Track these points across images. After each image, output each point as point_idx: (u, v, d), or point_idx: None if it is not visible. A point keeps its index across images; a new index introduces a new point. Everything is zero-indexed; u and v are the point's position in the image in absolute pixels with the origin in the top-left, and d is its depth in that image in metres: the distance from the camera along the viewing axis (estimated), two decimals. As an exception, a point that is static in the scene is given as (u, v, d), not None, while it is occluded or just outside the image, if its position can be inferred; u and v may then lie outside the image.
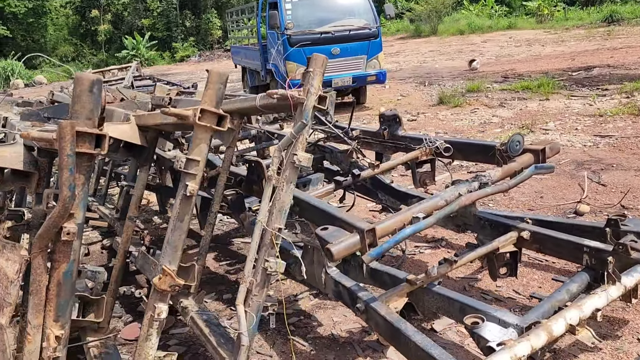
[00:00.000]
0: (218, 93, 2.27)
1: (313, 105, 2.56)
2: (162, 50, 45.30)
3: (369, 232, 2.59)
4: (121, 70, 12.77)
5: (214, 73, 2.29)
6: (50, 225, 1.67)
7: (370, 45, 11.21)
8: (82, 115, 1.70)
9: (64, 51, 48.05)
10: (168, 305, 2.32)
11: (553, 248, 3.18)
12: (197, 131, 2.26)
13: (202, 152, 2.27)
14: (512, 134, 3.16)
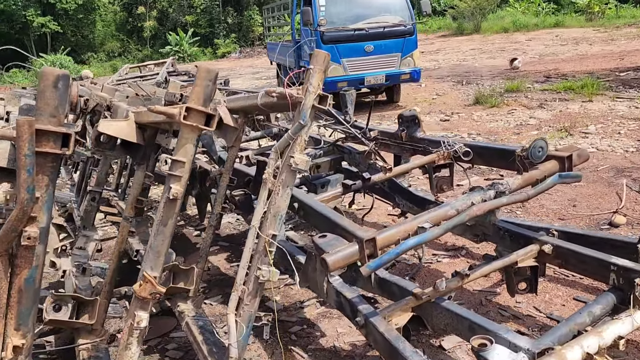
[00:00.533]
0: (206, 90, 2.14)
1: (312, 105, 2.40)
2: (205, 47, 45.93)
3: (369, 242, 2.42)
4: (157, 66, 12.87)
5: (202, 69, 2.16)
6: (9, 229, 1.58)
7: (405, 43, 10.93)
8: (46, 112, 1.60)
9: (111, 47, 49.33)
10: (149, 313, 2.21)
11: (577, 264, 2.92)
12: (183, 131, 2.14)
13: (187, 153, 2.14)
14: (534, 139, 2.91)
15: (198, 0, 46.73)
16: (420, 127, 3.90)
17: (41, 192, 1.64)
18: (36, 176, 1.62)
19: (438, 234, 2.52)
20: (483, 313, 3.24)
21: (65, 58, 40.04)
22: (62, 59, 38.96)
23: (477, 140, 7.60)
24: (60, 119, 1.63)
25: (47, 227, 1.70)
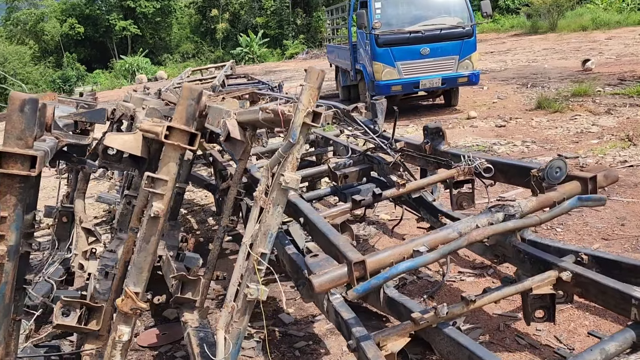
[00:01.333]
0: (189, 109, 2.15)
1: (302, 123, 2.35)
2: (274, 48, 46.76)
3: (358, 265, 2.34)
4: (218, 69, 13.24)
5: (186, 88, 2.17)
6: (-26, 248, 1.66)
7: (463, 45, 10.60)
8: (12, 135, 1.67)
9: (185, 48, 51.34)
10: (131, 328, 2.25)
11: (597, 295, 2.69)
12: (166, 149, 2.16)
13: (170, 171, 2.16)
14: (552, 159, 2.71)
15: (268, 2, 47.64)
16: (444, 139, 3.75)
17: (9, 212, 1.71)
18: (4, 197, 1.69)
19: (433, 259, 2.40)
20: (499, 339, 3.07)
21: (143, 59, 42.03)
22: (140, 60, 40.92)
23: (531, 148, 7.24)
24: (27, 142, 1.69)
25: (17, 245, 1.77)
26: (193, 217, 5.89)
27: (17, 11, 50.22)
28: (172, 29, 52.48)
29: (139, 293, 2.22)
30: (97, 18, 48.49)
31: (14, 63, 40.35)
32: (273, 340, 3.31)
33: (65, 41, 47.93)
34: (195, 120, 2.19)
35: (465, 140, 8.12)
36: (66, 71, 43.50)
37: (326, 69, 17.11)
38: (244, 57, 44.34)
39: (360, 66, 11.73)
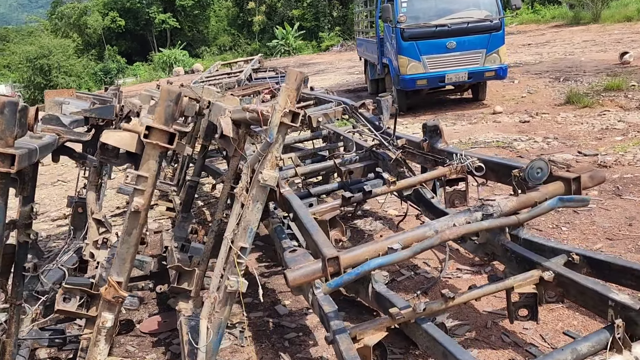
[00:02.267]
0: (167, 110, 2.27)
1: (279, 122, 2.44)
2: (309, 40, 46.83)
3: (332, 261, 2.42)
4: (247, 63, 13.42)
5: (164, 90, 2.29)
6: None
7: (490, 39, 10.43)
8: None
9: (222, 41, 51.99)
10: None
11: (577, 296, 2.70)
12: (147, 148, 2.29)
13: (150, 169, 2.29)
14: (533, 159, 2.72)
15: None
16: (442, 137, 3.77)
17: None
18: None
19: (405, 256, 2.46)
20: (484, 336, 3.10)
21: (181, 52, 42.83)
22: (177, 53, 41.71)
23: (552, 144, 7.12)
24: (7, 141, 1.83)
25: (0, 236, 1.93)
26: (208, 210, 6.07)
27: (61, 5, 51.81)
28: (209, 22, 53.21)
29: (122, 282, 2.37)
30: (138, 11, 49.59)
31: (58, 56, 41.68)
32: (266, 331, 3.43)
33: (107, 34, 49.23)
34: (173, 121, 2.30)
35: (485, 136, 8.04)
36: (107, 63, 44.76)
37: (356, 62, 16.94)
38: (279, 50, 44.62)
39: (387, 60, 11.70)
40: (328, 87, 17.33)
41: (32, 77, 40.73)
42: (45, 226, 6.06)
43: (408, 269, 4.04)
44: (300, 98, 6.36)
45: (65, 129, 2.97)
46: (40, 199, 7.82)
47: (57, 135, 2.87)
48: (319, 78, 21.32)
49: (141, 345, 3.43)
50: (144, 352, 3.36)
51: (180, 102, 2.43)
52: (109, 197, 6.79)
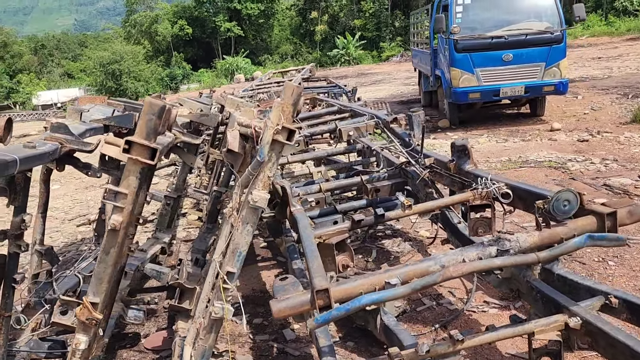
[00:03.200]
0: (149, 124, 2.14)
1: (270, 140, 2.27)
2: (370, 50, 46.67)
3: (321, 293, 2.21)
4: (298, 72, 13.42)
5: (146, 103, 2.17)
6: None
7: (550, 52, 9.86)
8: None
9: (285, 49, 52.74)
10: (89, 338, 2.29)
11: (607, 349, 2.35)
12: (127, 163, 2.17)
13: (130, 185, 2.17)
14: (560, 190, 2.40)
15: (367, 5, 47.59)
16: (469, 159, 3.47)
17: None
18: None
19: (403, 293, 2.21)
20: (502, 383, 2.78)
21: (243, 60, 43.75)
22: (239, 60, 42.63)
23: (610, 167, 6.57)
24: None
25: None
26: (238, 220, 5.98)
27: (135, 13, 54.22)
28: (273, 31, 54.13)
29: (97, 304, 2.25)
30: (205, 20, 51.16)
31: (129, 61, 43.62)
32: (268, 357, 3.25)
33: (175, 41, 51.05)
34: (156, 135, 2.17)
35: (538, 154, 7.55)
36: (174, 70, 46.40)
37: (414, 73, 16.48)
38: (340, 59, 44.71)
39: (440, 72, 11.34)
40: (381, 98, 17.09)
41: (104, 81, 42.82)
42: (71, 230, 6.19)
43: (430, 298, 3.75)
44: (337, 110, 6.19)
45: (71, 138, 2.91)
46: (81, 202, 8.04)
47: (60, 144, 2.82)
48: (374, 88, 21.09)
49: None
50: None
51: (167, 116, 2.30)
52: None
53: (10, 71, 50.25)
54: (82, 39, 67.45)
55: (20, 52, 54.92)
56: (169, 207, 4.90)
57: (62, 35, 71.28)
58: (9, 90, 44.61)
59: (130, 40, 52.77)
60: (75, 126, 3.35)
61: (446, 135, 10.19)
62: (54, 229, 6.50)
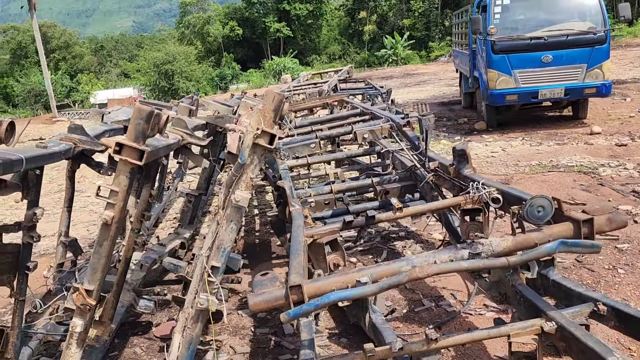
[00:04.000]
0: (137, 128, 2.32)
1: (251, 144, 2.42)
2: (419, 50, 46.24)
3: (295, 289, 2.34)
4: (336, 73, 13.53)
5: (136, 109, 2.35)
6: None
7: (592, 53, 9.57)
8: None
9: (332, 50, 52.96)
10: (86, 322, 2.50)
11: (579, 354, 2.37)
12: (118, 164, 2.37)
13: (121, 183, 2.37)
14: (534, 196, 2.43)
15: (417, 4, 47.15)
16: (468, 163, 3.51)
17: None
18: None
19: (371, 291, 2.31)
20: (485, 385, 2.83)
21: (291, 60, 44.26)
22: (286, 61, 43.14)
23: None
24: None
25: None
26: (260, 219, 6.17)
27: (188, 15, 55.76)
28: (321, 31, 54.47)
29: (92, 291, 2.47)
30: (255, 21, 52.05)
31: (181, 62, 44.91)
32: (265, 349, 3.40)
33: (226, 42, 52.21)
34: (144, 138, 2.36)
35: (570, 159, 7.38)
36: (223, 70, 47.46)
37: (457, 74, 16.24)
38: (387, 59, 44.52)
39: (478, 73, 11.20)
40: (422, 99, 16.99)
41: (158, 81, 44.29)
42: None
43: (431, 300, 3.80)
44: (358, 113, 6.28)
45: (86, 139, 3.16)
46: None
47: (74, 144, 3.07)
48: (417, 89, 20.94)
49: (150, 348, 3.55)
50: (150, 355, 3.48)
51: (156, 120, 2.48)
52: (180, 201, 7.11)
53: (72, 71, 52.72)
54: (139, 40, 69.99)
55: (82, 53, 57.54)
56: (190, 204, 5.14)
57: (120, 37, 74.16)
58: (69, 89, 46.82)
59: (183, 41, 54.31)
60: (94, 127, 3.62)
61: (482, 137, 10.06)
62: (92, 223, 6.90)
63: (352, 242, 4.94)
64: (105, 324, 3.06)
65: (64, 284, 3.83)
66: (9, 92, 48.01)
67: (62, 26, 63.30)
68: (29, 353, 3.09)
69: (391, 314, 3.57)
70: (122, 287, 3.25)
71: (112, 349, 3.56)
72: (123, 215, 2.46)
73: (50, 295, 3.61)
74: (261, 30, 52.10)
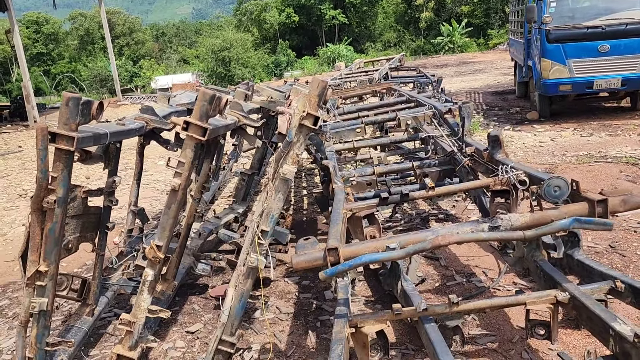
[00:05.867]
0: (202, 109, 2.72)
1: (297, 125, 2.77)
2: (477, 37, 45.25)
3: (332, 251, 2.68)
4: (387, 61, 13.70)
5: (201, 92, 2.75)
6: (35, 196, 2.47)
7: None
8: (61, 121, 2.42)
9: (388, 37, 52.56)
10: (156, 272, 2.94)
11: (587, 321, 2.61)
12: (186, 139, 2.78)
13: (187, 156, 2.78)
14: (552, 176, 2.66)
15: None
16: (501, 148, 3.73)
17: (58, 174, 2.48)
18: (54, 163, 2.47)
19: (398, 256, 2.62)
20: (504, 349, 3.09)
21: (345, 47, 44.34)
22: (340, 48, 43.26)
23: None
24: (71, 126, 2.43)
25: (64, 196, 2.54)
26: (308, 199, 6.55)
27: (245, 2, 56.63)
28: (377, 18, 54.09)
29: (161, 246, 2.90)
30: (311, 7, 52.28)
31: (238, 49, 45.82)
32: (307, 311, 3.77)
33: (282, 29, 52.77)
34: (207, 117, 2.75)
35: (619, 150, 7.35)
36: (279, 57, 48.11)
37: (509, 63, 16.05)
38: (444, 47, 43.85)
39: (532, 62, 11.12)
40: (476, 88, 16.87)
41: (215, 67, 45.41)
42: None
43: (462, 275, 4.07)
44: (404, 100, 6.52)
45: (155, 118, 3.61)
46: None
47: (146, 123, 3.52)
48: (471, 78, 20.73)
49: (206, 306, 4.01)
50: (205, 311, 3.93)
51: (217, 102, 2.86)
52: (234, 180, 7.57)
53: (134, 57, 54.84)
54: (198, 26, 71.74)
55: (144, 39, 59.69)
56: (244, 183, 5.58)
57: (180, 23, 76.24)
58: (132, 75, 48.76)
59: (240, 27, 55.29)
60: (162, 109, 4.08)
61: (532, 127, 10.04)
62: (154, 198, 7.49)
63: (392, 222, 5.24)
64: (169, 281, 3.52)
65: (133, 246, 4.34)
66: (77, 76, 50.57)
67: (126, 13, 65.71)
68: (106, 302, 3.60)
69: (421, 283, 3.87)
70: (183, 250, 3.70)
71: (174, 305, 4.03)
72: (188, 183, 2.88)
73: (122, 256, 4.12)
74: (317, 17, 52.29)
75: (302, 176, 7.84)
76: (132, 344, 2.97)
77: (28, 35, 53.82)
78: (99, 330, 3.76)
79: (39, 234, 2.56)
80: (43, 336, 2.68)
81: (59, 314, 4.10)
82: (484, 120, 11.18)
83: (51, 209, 2.52)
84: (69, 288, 3.27)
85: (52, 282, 2.63)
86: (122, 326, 2.94)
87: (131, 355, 2.96)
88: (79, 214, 3.10)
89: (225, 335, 3.04)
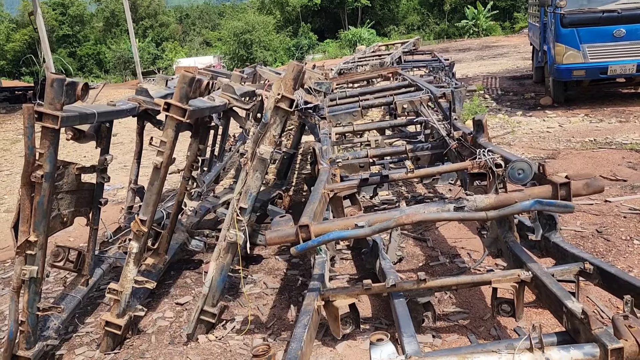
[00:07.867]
0: (182, 91, 2.86)
1: (273, 106, 2.89)
2: (502, 20, 44.39)
3: (304, 228, 2.82)
4: (402, 45, 13.66)
5: (181, 75, 2.88)
6: (24, 170, 2.65)
7: (670, 27, 9.17)
8: (46, 101, 2.58)
9: (411, 20, 51.88)
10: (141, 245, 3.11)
11: (545, 299, 2.71)
12: (167, 119, 2.93)
13: (168, 135, 2.93)
14: (515, 160, 2.74)
15: (503, -28, 45.00)
16: (484, 132, 3.80)
17: (44, 150, 2.65)
18: (41, 140, 2.65)
19: (364, 233, 2.75)
20: (474, 326, 3.20)
21: (367, 31, 43.97)
22: (362, 31, 42.92)
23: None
24: (56, 106, 2.59)
25: (51, 172, 2.71)
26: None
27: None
28: (400, 1, 53.39)
29: (145, 221, 3.07)
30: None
31: (260, 31, 45.81)
32: (292, 286, 3.93)
33: (304, 12, 52.47)
34: (187, 99, 2.89)
35: (626, 137, 7.29)
36: (300, 40, 47.97)
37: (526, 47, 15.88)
38: (468, 30, 43.15)
39: (547, 47, 10.98)
40: (494, 73, 16.69)
41: (237, 50, 45.53)
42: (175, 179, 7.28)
43: (447, 257, 4.17)
44: (403, 85, 6.57)
45: (149, 100, 3.77)
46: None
47: (139, 104, 3.68)
48: (491, 62, 20.47)
49: (198, 280, 4.19)
50: (196, 285, 4.11)
51: (197, 84, 3.00)
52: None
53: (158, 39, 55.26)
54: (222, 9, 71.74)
55: (167, 21, 60.03)
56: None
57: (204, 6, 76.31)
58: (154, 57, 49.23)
59: (263, 10, 55.17)
60: (158, 91, 4.23)
61: (544, 113, 9.96)
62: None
63: (387, 204, 5.35)
64: (161, 255, 3.71)
65: (130, 222, 4.54)
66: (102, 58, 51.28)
67: (151, -6, 66.02)
68: (101, 273, 3.80)
69: (399, 261, 3.98)
70: (174, 225, 3.88)
71: (169, 279, 4.23)
72: (170, 161, 3.04)
73: (120, 231, 4.32)
74: (339, 0, 51.83)
75: (307, 159, 7.97)
76: (120, 312, 3.17)
77: (55, 17, 54.66)
78: (96, 300, 3.98)
79: (28, 206, 2.74)
80: (34, 301, 2.89)
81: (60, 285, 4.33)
82: (496, 105, 11.12)
83: (39, 183, 2.70)
84: (65, 259, 3.48)
85: (41, 251, 2.82)
86: (110, 295, 3.13)
87: (119, 322, 3.16)
88: (73, 189, 3.28)
89: (207, 306, 3.21)
